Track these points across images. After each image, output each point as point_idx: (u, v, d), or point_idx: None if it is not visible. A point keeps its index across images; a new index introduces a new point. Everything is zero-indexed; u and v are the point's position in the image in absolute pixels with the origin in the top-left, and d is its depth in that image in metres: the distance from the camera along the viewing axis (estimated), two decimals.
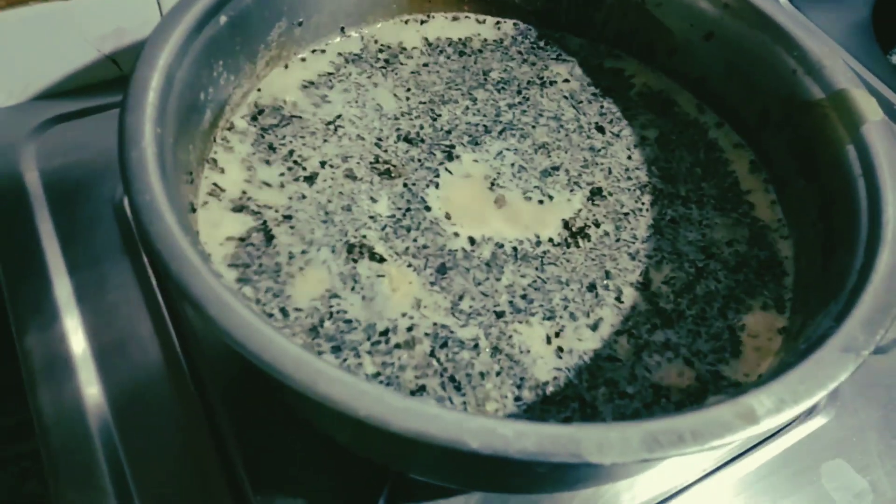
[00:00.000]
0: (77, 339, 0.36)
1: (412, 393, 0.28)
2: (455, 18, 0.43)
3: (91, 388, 0.34)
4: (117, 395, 0.34)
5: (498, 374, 0.29)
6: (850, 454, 0.38)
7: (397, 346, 0.29)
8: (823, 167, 0.34)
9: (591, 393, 0.29)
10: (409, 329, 0.30)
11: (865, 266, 0.28)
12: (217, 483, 0.32)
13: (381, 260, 0.32)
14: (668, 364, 0.30)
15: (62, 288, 0.37)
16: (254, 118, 0.36)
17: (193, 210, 0.31)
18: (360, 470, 0.33)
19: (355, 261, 0.32)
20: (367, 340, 0.29)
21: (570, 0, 0.42)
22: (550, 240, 0.34)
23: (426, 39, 0.41)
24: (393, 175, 0.36)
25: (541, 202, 0.35)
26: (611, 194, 0.36)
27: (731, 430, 0.22)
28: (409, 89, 0.39)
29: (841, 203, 0.32)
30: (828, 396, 0.40)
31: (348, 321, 0.30)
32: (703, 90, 0.40)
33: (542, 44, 0.43)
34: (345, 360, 0.29)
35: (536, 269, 0.33)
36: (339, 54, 0.39)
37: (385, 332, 0.30)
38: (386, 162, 0.36)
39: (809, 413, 0.40)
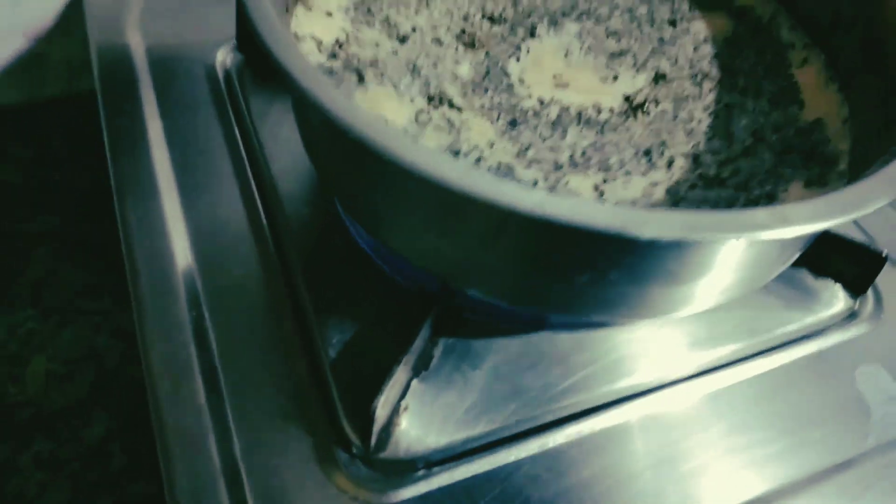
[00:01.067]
0: (171, 201, 0.40)
1: None
2: None
3: (180, 244, 0.39)
4: (204, 253, 0.39)
5: None
6: (888, 361, 0.40)
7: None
8: (890, 57, 0.36)
9: None
10: (477, 160, 0.34)
11: None
12: (285, 310, 0.37)
13: (459, 109, 0.36)
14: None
15: (159, 150, 0.42)
16: None
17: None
18: (410, 301, 0.37)
19: (435, 108, 0.36)
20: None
21: None
22: (611, 109, 0.37)
23: None
24: (476, 46, 0.39)
25: (606, 79, 0.39)
26: (673, 80, 0.39)
27: (765, 227, 0.25)
28: None
29: None
30: (873, 302, 0.42)
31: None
32: None
33: None
34: None
35: (597, 132, 0.36)
36: None
37: (456, 153, 0.34)
38: (471, 35, 0.40)
39: (851, 317, 0.42)
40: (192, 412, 0.33)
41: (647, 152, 0.36)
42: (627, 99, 0.38)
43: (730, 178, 0.35)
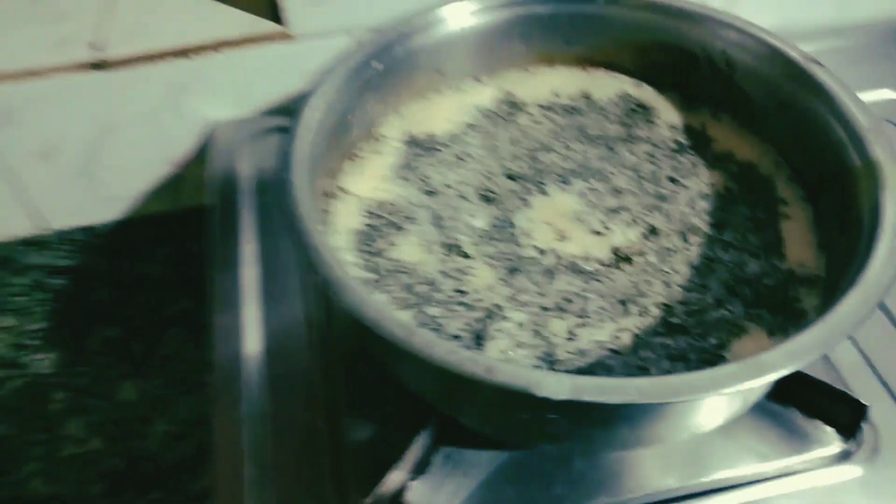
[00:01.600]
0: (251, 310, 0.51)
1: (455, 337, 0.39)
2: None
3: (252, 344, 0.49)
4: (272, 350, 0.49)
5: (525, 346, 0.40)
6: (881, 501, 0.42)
7: (460, 303, 0.41)
8: (854, 226, 0.39)
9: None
10: (476, 301, 0.41)
11: None
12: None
13: (468, 257, 0.43)
14: (658, 359, 0.38)
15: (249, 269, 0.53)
16: (407, 142, 0.49)
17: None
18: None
19: (446, 255, 0.44)
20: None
21: (671, 65, 0.51)
22: (600, 260, 0.43)
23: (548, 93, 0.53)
24: (493, 201, 0.47)
25: (600, 233, 0.45)
26: (663, 234, 0.44)
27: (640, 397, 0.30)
28: (521, 138, 0.50)
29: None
30: (869, 449, 0.44)
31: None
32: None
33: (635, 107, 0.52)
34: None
35: (584, 281, 0.42)
36: (476, 107, 0.52)
37: (460, 291, 0.41)
38: (491, 191, 0.47)
39: (844, 457, 0.44)
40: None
41: (623, 302, 0.41)
42: (616, 251, 0.44)
43: (697, 329, 0.40)
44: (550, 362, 0.39)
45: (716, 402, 0.36)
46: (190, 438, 0.68)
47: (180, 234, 0.73)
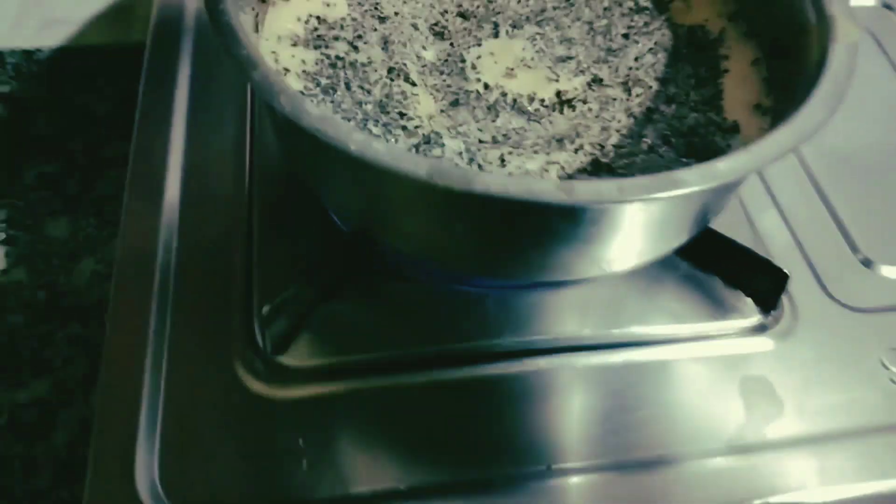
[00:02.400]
0: (178, 133, 0.49)
1: None
2: None
3: (174, 172, 0.47)
4: (190, 181, 0.47)
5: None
6: (779, 376, 0.43)
7: (402, 127, 0.40)
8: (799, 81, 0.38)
9: None
10: (416, 127, 0.40)
11: None
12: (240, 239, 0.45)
13: (413, 84, 0.42)
14: None
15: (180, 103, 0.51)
16: None
17: None
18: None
19: (392, 79, 0.42)
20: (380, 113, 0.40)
21: None
22: (542, 101, 0.42)
23: None
24: (445, 37, 0.45)
25: (548, 78, 0.43)
26: (608, 85, 0.43)
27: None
28: None
29: None
30: (785, 325, 0.44)
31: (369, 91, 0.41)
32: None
33: None
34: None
35: (525, 120, 0.41)
36: None
37: (400, 115, 0.40)
38: (443, 27, 0.46)
39: (757, 331, 0.44)
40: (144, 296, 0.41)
41: (560, 140, 0.40)
42: (558, 94, 0.42)
43: (622, 168, 0.39)
44: None
45: (625, 224, 0.35)
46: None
47: (128, 70, 0.70)
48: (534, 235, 0.34)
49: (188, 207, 0.45)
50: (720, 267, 0.44)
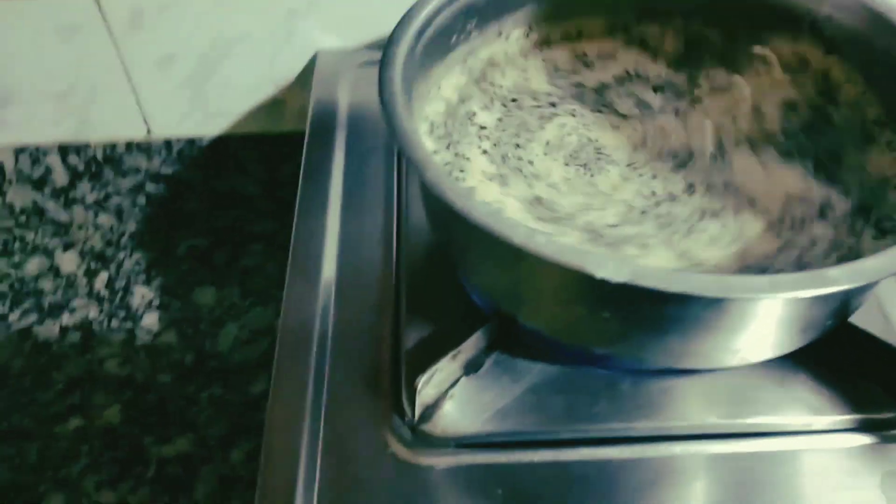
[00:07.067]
0: (333, 218, 0.53)
1: None
2: None
3: (331, 250, 0.51)
4: (345, 258, 0.51)
5: None
6: None
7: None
8: None
9: None
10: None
11: None
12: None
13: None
14: None
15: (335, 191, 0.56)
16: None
17: None
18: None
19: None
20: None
21: None
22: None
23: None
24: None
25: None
26: None
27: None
28: None
29: None
30: None
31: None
32: None
33: None
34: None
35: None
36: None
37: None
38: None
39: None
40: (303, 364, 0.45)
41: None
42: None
43: None
44: None
45: (769, 317, 0.36)
46: (257, 345, 0.72)
47: (276, 156, 0.78)
48: (679, 322, 0.36)
49: (343, 285, 0.49)
50: (852, 357, 0.44)
